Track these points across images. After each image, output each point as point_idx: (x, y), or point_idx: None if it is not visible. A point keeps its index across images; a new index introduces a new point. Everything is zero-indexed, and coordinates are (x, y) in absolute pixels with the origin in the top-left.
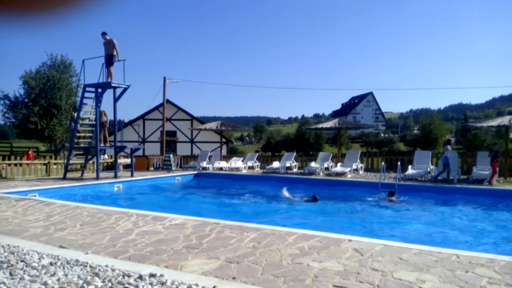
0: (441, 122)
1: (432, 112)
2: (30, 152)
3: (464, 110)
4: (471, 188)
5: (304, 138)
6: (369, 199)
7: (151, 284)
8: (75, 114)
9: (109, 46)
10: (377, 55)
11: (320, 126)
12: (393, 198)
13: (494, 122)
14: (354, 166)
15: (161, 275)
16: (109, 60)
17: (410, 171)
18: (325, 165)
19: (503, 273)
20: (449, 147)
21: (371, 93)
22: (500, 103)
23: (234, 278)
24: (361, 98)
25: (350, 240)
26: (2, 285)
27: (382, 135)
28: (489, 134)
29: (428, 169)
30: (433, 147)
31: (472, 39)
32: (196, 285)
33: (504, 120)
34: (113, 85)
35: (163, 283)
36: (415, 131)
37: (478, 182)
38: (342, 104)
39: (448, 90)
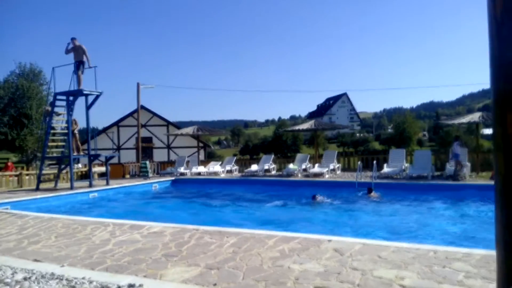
0: (413, 120)
1: (405, 111)
2: (9, 164)
3: (436, 108)
4: (445, 184)
5: (282, 140)
6: (347, 198)
7: None
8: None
9: (79, 52)
10: (350, 56)
11: (296, 128)
12: (372, 194)
13: (465, 119)
14: (331, 167)
15: (140, 285)
16: (79, 66)
17: (385, 169)
18: (303, 166)
19: (478, 267)
20: (458, 143)
21: (345, 94)
22: (470, 100)
23: (215, 284)
24: (336, 99)
25: (329, 241)
26: None
27: (358, 134)
28: (461, 131)
29: (403, 167)
30: (407, 145)
31: (442, 37)
32: None
33: (474, 116)
34: (84, 92)
35: None
36: (389, 130)
37: (452, 178)
38: (318, 106)
39: (419, 89)
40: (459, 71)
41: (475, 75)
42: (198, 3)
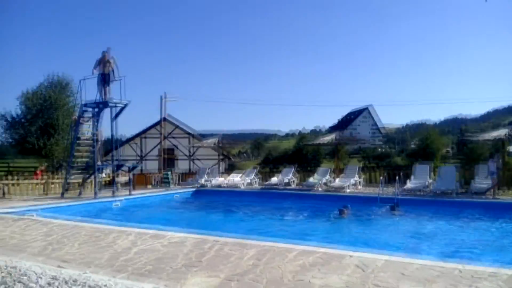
0: (437, 136)
1: (428, 126)
2: (39, 172)
3: (460, 123)
4: (471, 201)
5: (302, 154)
6: (370, 213)
7: None
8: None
9: (106, 65)
10: (375, 69)
11: (318, 141)
12: (396, 211)
13: (490, 136)
14: (353, 181)
15: None
16: (107, 78)
17: (409, 184)
18: (324, 180)
19: (506, 287)
20: (493, 160)
21: (367, 109)
22: (495, 117)
23: None
24: (358, 113)
25: (351, 256)
26: None
27: (379, 149)
28: (486, 148)
29: (427, 183)
30: (431, 160)
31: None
32: None
33: (501, 133)
34: (110, 104)
35: None
36: (412, 146)
37: (477, 195)
38: (339, 120)
39: (444, 104)
40: (485, 87)
41: (500, 91)
42: (221, 16)
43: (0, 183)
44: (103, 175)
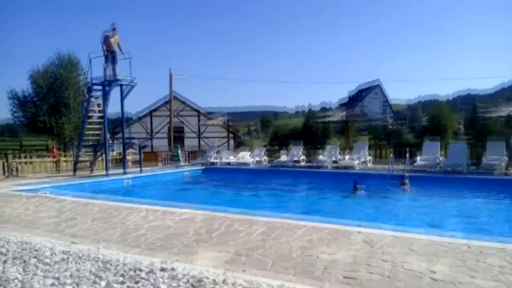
0: (449, 113)
1: (440, 102)
2: (54, 150)
3: (473, 99)
4: (482, 178)
5: (311, 131)
6: (379, 189)
7: (162, 277)
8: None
9: (114, 42)
10: (385, 45)
11: (327, 119)
12: (406, 184)
13: (504, 112)
14: (362, 158)
15: (172, 269)
16: (114, 56)
17: (419, 161)
18: (333, 158)
19: None
20: None
21: (378, 86)
22: (510, 92)
23: (244, 270)
24: (368, 90)
25: (359, 232)
26: (16, 280)
27: (390, 126)
28: (498, 124)
29: (437, 160)
30: (442, 137)
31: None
32: (207, 277)
33: None
34: (120, 82)
35: (174, 276)
36: (423, 122)
37: (488, 172)
38: (349, 97)
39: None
40: (499, 62)
41: None
42: None
43: (13, 161)
44: (114, 153)
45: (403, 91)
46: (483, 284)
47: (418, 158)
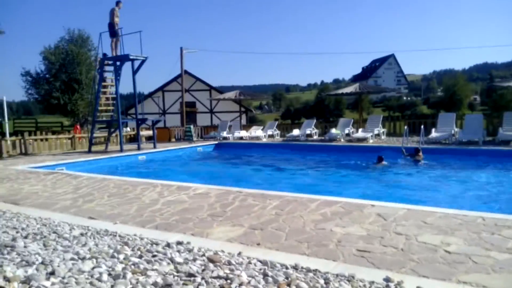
0: (465, 83)
1: (456, 73)
2: (77, 126)
3: (490, 70)
4: (498, 150)
5: (324, 105)
6: (394, 163)
7: (178, 251)
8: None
9: (115, 16)
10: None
11: (340, 91)
12: (419, 156)
13: None
14: (375, 131)
15: (188, 243)
16: (115, 31)
17: (433, 134)
18: (346, 131)
19: None
20: None
21: (392, 56)
22: None
23: (258, 244)
24: (382, 61)
25: (373, 205)
26: (37, 255)
27: (405, 98)
28: None
29: (453, 132)
30: (458, 109)
31: None
32: (222, 251)
33: None
34: (131, 57)
35: (190, 250)
36: (439, 93)
37: (505, 144)
38: (363, 68)
39: (472, 49)
40: None
41: None
42: None
43: (29, 139)
44: (128, 129)
45: (418, 66)
46: (497, 257)
47: (433, 130)
